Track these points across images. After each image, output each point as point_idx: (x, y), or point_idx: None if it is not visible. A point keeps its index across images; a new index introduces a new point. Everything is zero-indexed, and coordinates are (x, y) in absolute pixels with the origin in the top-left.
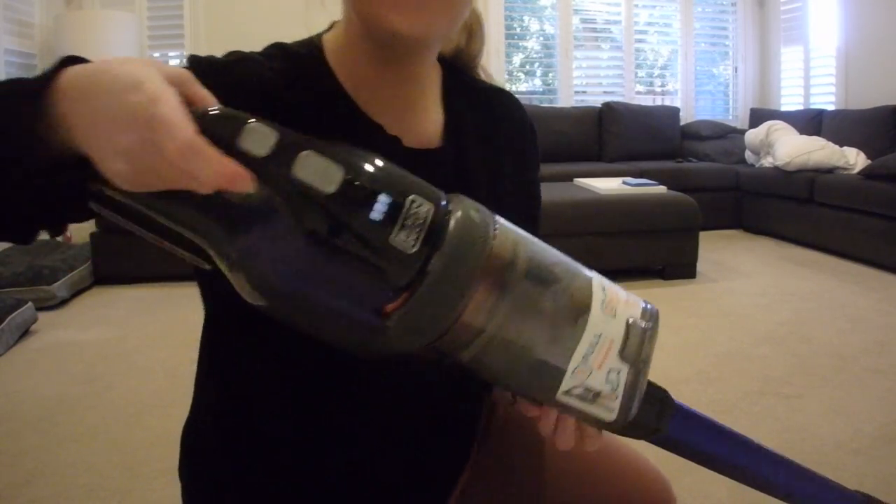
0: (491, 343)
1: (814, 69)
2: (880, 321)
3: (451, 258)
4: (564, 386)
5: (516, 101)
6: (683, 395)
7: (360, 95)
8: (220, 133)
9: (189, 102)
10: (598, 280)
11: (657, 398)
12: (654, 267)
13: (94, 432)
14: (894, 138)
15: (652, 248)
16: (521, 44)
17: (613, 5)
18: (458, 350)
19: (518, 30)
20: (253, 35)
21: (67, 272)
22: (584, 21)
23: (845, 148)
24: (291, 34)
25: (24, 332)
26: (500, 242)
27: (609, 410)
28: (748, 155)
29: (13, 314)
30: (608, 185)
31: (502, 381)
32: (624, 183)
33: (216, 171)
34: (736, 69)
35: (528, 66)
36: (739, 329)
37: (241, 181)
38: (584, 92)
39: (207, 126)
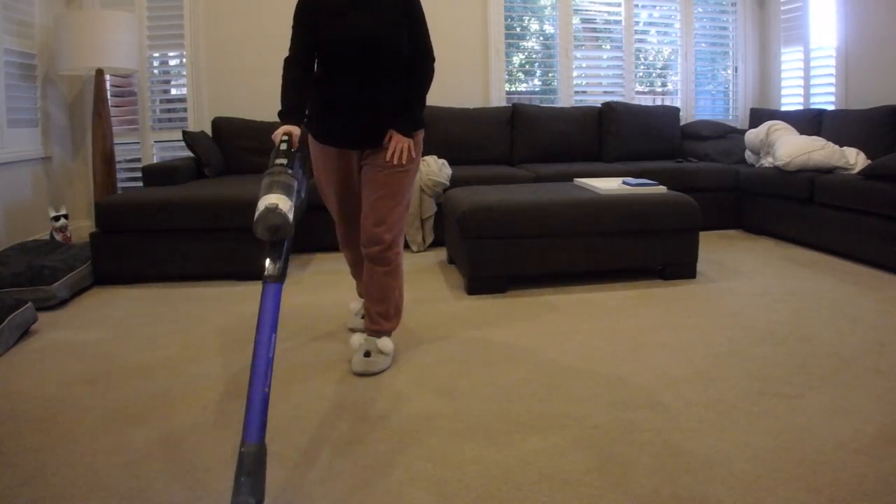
0: None
1: (814, 69)
2: (880, 321)
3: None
4: None
5: None
6: (683, 395)
7: None
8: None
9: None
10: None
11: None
12: (654, 267)
13: (94, 432)
14: (894, 138)
15: (652, 248)
16: (521, 44)
17: (613, 5)
18: None
19: (518, 30)
20: (252, 35)
21: (67, 272)
22: (584, 21)
23: (845, 148)
24: (290, 34)
25: (24, 332)
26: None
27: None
28: (748, 155)
29: (13, 314)
30: (608, 185)
31: None
32: (624, 183)
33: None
34: (736, 69)
35: (528, 67)
36: (739, 329)
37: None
38: (584, 92)
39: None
